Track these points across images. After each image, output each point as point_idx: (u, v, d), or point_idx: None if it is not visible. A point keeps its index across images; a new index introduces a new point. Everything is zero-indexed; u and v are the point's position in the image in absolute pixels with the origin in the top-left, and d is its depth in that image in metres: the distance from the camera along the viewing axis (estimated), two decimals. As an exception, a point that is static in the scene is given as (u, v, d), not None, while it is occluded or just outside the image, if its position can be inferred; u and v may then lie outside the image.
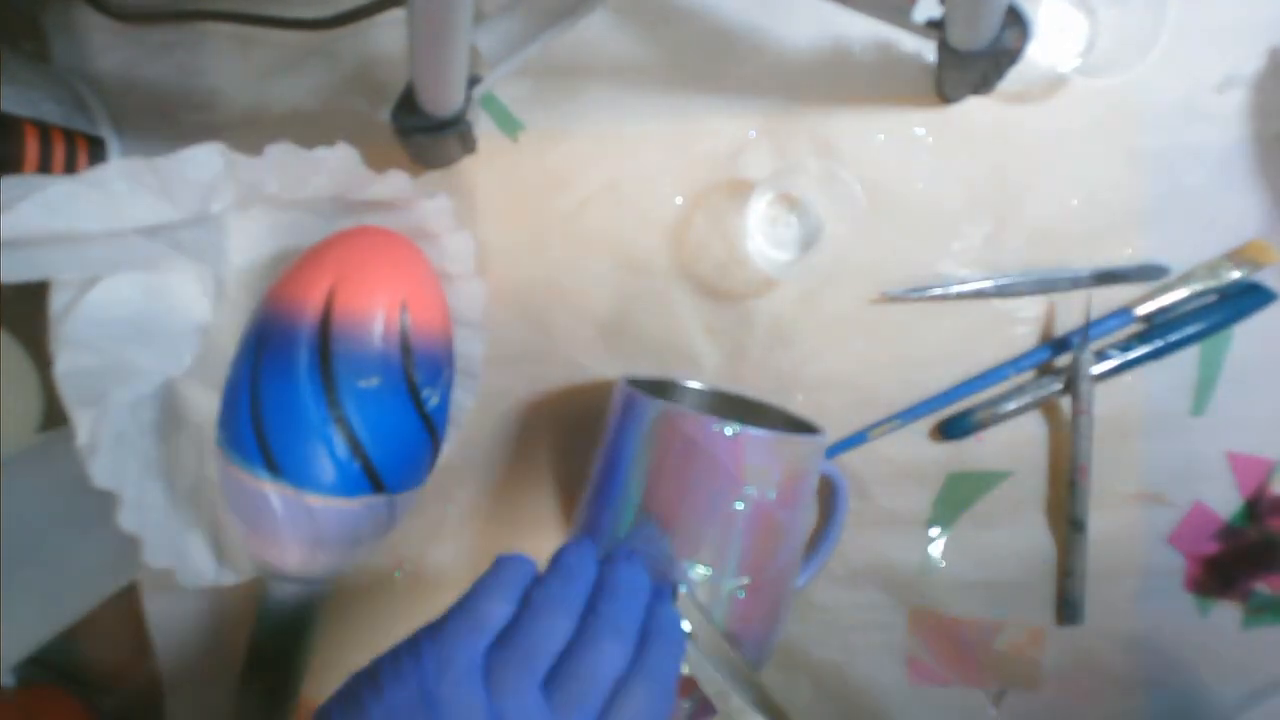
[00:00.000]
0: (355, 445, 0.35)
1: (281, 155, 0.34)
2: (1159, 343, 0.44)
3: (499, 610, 0.28)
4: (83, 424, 0.34)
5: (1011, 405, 0.44)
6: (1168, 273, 0.44)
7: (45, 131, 0.39)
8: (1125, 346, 0.44)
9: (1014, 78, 0.41)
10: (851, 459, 0.46)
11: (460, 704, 0.26)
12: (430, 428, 0.38)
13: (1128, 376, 0.45)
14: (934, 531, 0.46)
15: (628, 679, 0.28)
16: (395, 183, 0.39)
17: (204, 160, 0.32)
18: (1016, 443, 0.45)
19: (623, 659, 0.28)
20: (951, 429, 0.45)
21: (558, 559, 0.30)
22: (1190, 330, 0.44)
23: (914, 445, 0.46)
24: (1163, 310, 0.44)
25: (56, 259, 0.32)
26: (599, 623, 0.28)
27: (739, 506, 0.35)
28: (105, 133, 0.43)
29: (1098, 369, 0.44)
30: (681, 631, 0.31)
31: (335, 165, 0.36)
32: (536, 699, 0.26)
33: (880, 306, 0.45)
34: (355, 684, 0.28)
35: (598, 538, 0.37)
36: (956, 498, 0.46)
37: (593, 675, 0.27)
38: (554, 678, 0.27)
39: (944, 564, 0.46)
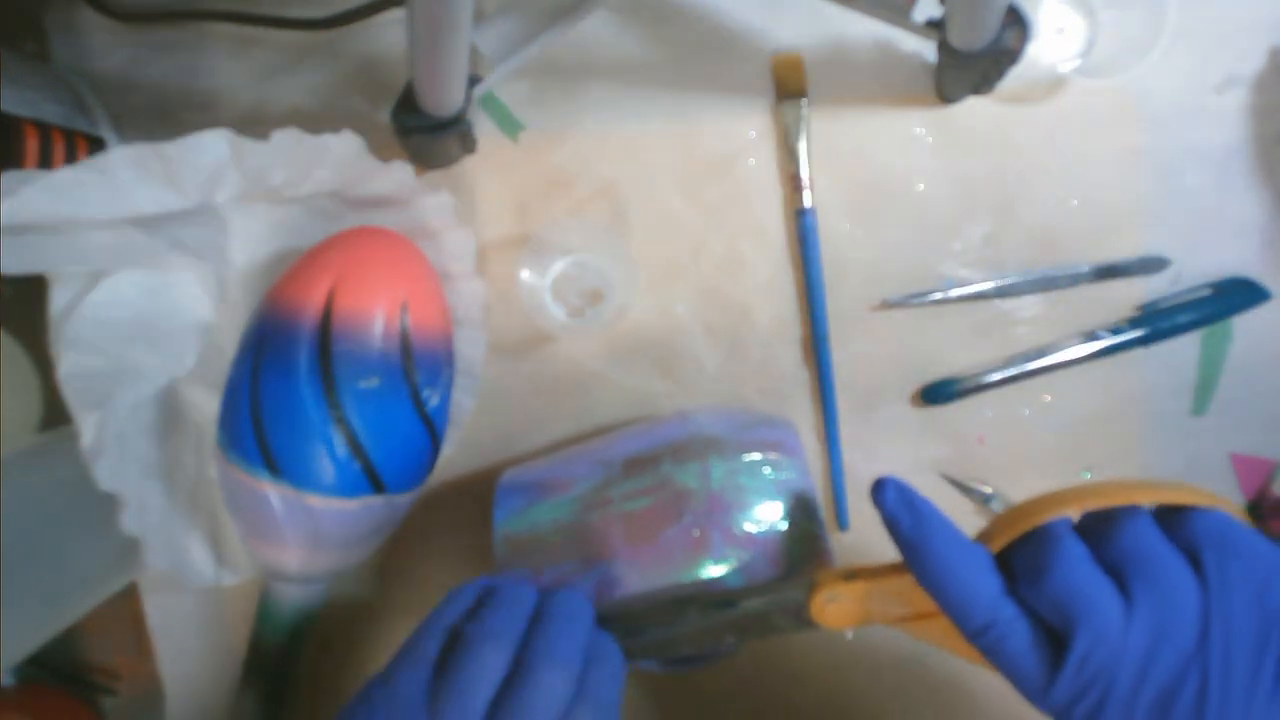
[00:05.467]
0: (355, 445, 0.35)
1: (287, 141, 0.34)
2: (1148, 329, 0.44)
3: (437, 646, 0.29)
4: (88, 427, 0.34)
5: (995, 377, 0.44)
6: (1168, 265, 0.44)
7: (45, 132, 0.39)
8: (1116, 330, 0.44)
9: (1014, 78, 0.41)
10: (852, 460, 0.46)
11: None
12: (430, 428, 0.38)
13: (1128, 376, 0.45)
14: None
15: (572, 708, 0.28)
16: (398, 174, 0.39)
17: (210, 145, 0.32)
18: (1014, 450, 0.46)
19: (565, 688, 0.28)
20: (934, 395, 0.45)
21: (492, 589, 0.31)
22: (1182, 320, 0.44)
23: (913, 445, 0.46)
24: (1154, 302, 0.44)
25: (58, 250, 0.32)
26: (536, 654, 0.28)
27: None
28: (105, 133, 0.43)
29: (1088, 350, 0.44)
30: (619, 654, 0.31)
31: (341, 153, 0.36)
32: None
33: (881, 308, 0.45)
34: None
35: None
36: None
37: (532, 707, 0.27)
38: (496, 711, 0.27)
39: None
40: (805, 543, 0.36)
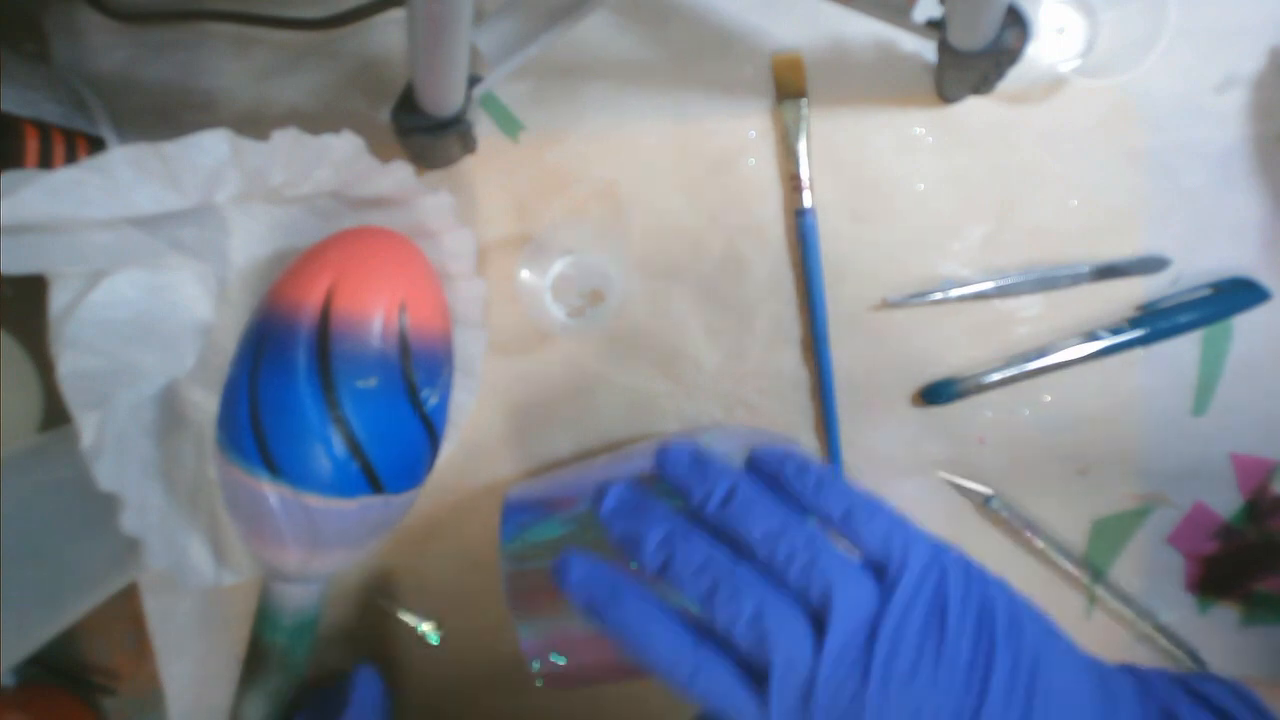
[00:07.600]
0: (354, 445, 0.35)
1: (287, 141, 0.34)
2: (1148, 329, 0.44)
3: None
4: (88, 427, 0.34)
5: (995, 377, 0.44)
6: (1168, 265, 0.44)
7: (45, 132, 0.39)
8: (1116, 330, 0.44)
9: (1014, 78, 0.41)
10: (852, 460, 0.46)
11: None
12: (429, 428, 0.38)
13: (1129, 376, 0.45)
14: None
15: None
16: (398, 174, 0.39)
17: (210, 146, 0.32)
18: (1014, 450, 0.45)
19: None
20: (934, 395, 0.45)
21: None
22: (1182, 320, 0.44)
23: (913, 445, 0.46)
24: (1154, 302, 0.44)
25: (58, 250, 0.32)
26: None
27: None
28: (105, 133, 0.43)
29: (1088, 350, 0.44)
30: None
31: (341, 153, 0.36)
32: None
33: (881, 307, 0.45)
34: None
35: None
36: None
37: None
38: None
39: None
40: None
